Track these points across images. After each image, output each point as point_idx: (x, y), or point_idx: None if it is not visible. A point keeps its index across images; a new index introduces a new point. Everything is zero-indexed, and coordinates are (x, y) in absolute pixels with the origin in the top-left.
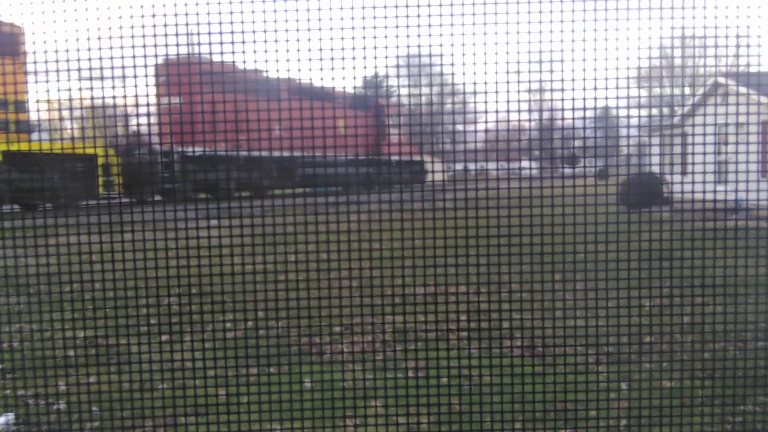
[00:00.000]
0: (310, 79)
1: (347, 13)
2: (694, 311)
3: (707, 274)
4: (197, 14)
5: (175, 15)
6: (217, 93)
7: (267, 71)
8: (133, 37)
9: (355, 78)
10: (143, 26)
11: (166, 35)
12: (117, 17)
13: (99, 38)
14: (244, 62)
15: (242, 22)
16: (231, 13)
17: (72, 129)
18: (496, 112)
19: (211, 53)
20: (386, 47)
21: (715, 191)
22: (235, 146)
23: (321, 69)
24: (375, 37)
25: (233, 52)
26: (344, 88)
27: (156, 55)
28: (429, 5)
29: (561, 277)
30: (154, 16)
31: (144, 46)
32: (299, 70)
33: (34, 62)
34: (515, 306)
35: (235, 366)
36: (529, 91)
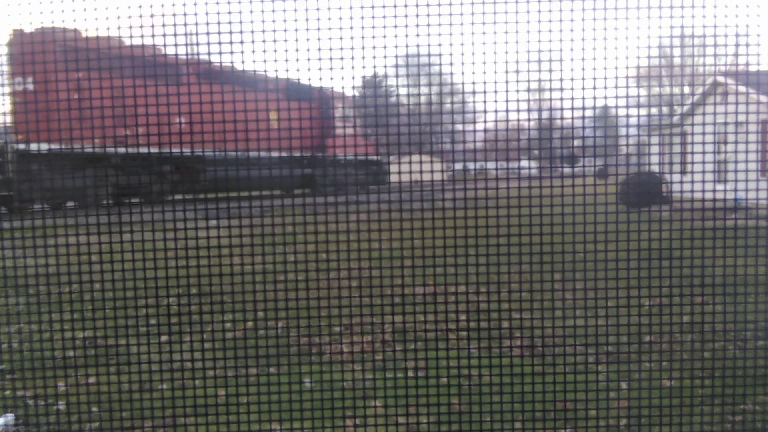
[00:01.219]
0: (231, 63)
1: (346, 12)
2: (693, 310)
3: (707, 274)
4: (195, 14)
5: (174, 15)
6: (87, 73)
7: (164, 49)
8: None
9: (354, 78)
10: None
11: (164, 35)
12: None
13: None
14: (131, 38)
15: (241, 22)
16: (229, 13)
17: None
18: (496, 111)
19: (209, 53)
20: (385, 47)
21: (714, 190)
22: (110, 142)
23: (320, 69)
24: (374, 37)
25: (232, 52)
26: (277, 73)
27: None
28: (428, 5)
29: (561, 277)
30: (153, 15)
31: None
32: (298, 70)
33: None
34: (515, 306)
35: (235, 366)
36: (529, 90)
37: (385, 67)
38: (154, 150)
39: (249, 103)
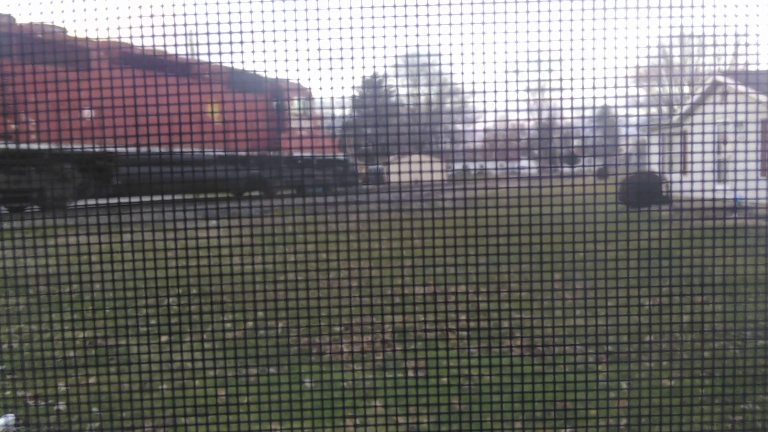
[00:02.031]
0: (155, 46)
1: (346, 12)
2: (693, 310)
3: (707, 273)
4: (195, 14)
5: (174, 15)
6: None
7: (64, 29)
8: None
9: (354, 78)
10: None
11: (164, 35)
12: None
13: None
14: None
15: (240, 23)
16: (229, 13)
17: None
18: (496, 111)
19: (209, 53)
20: (385, 47)
21: (714, 190)
22: None
23: (320, 69)
24: (374, 37)
25: (231, 52)
26: (220, 61)
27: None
28: (428, 5)
29: (561, 277)
30: (152, 15)
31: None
32: (297, 70)
33: None
34: (515, 305)
35: (235, 366)
36: (529, 90)
37: (385, 67)
38: (51, 146)
39: (182, 94)
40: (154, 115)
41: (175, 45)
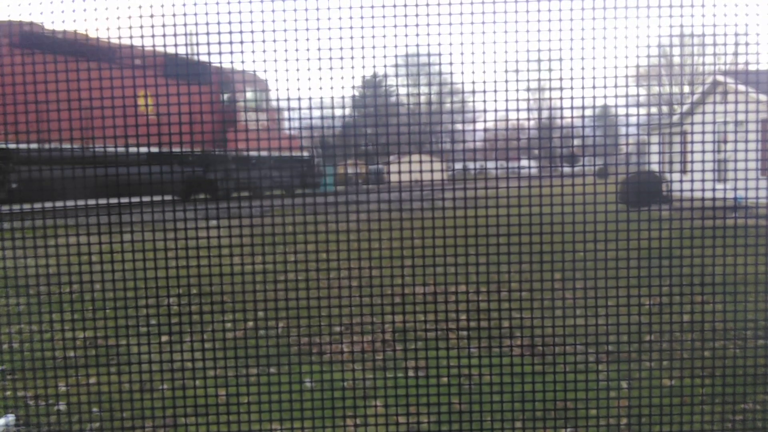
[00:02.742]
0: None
1: (346, 12)
2: (694, 309)
3: (707, 273)
4: (195, 14)
5: (174, 15)
6: None
7: None
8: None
9: (353, 78)
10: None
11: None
12: None
13: None
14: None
15: (240, 22)
16: (229, 13)
17: None
18: (496, 111)
19: (209, 53)
20: (385, 47)
21: (714, 189)
22: None
23: (320, 69)
24: (374, 37)
25: (231, 52)
26: (153, 45)
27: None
28: (428, 5)
29: (561, 276)
30: (152, 16)
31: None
32: (297, 70)
33: None
34: (515, 305)
35: (235, 366)
36: (529, 90)
37: (385, 66)
38: None
39: (103, 81)
40: (66, 107)
41: (175, 45)
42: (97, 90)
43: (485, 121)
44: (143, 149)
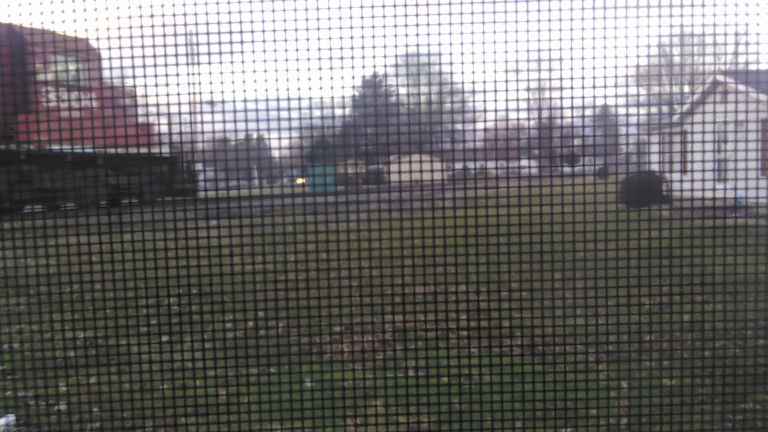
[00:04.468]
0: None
1: (346, 12)
2: (694, 309)
3: (707, 272)
4: (195, 14)
5: (174, 15)
6: None
7: None
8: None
9: (353, 78)
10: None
11: (165, 35)
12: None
13: None
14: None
15: (240, 22)
16: (229, 12)
17: None
18: (495, 111)
19: (209, 53)
20: (385, 47)
21: (714, 189)
22: None
23: (319, 69)
24: (374, 37)
25: (231, 52)
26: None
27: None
28: (428, 5)
29: (561, 276)
30: (152, 16)
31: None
32: (297, 70)
33: None
34: (515, 305)
35: (235, 366)
36: (529, 90)
37: (385, 66)
38: None
39: None
40: None
41: (175, 45)
42: None
43: (485, 121)
44: None
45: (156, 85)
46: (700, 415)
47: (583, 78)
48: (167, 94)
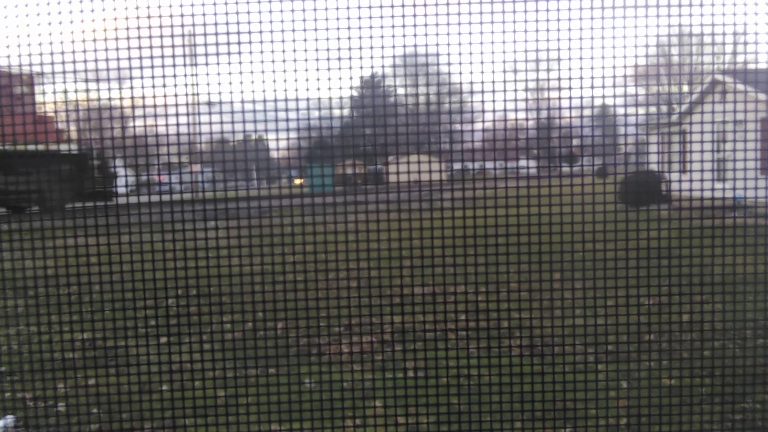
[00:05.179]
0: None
1: (345, 12)
2: (693, 309)
3: (707, 272)
4: (193, 15)
5: (172, 15)
6: None
7: None
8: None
9: (352, 78)
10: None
11: (165, 35)
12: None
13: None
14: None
15: (238, 23)
16: (227, 13)
17: None
18: (494, 111)
19: (206, 54)
20: (383, 47)
21: (714, 189)
22: None
23: (318, 69)
24: (374, 37)
25: (230, 53)
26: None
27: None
28: (427, 5)
29: (561, 276)
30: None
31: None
32: (296, 71)
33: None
34: (515, 305)
35: (235, 367)
36: (527, 90)
37: (384, 67)
38: None
39: None
40: None
41: (173, 45)
42: None
43: (485, 121)
44: None
45: (153, 86)
46: (700, 415)
47: (582, 78)
48: (154, 96)
